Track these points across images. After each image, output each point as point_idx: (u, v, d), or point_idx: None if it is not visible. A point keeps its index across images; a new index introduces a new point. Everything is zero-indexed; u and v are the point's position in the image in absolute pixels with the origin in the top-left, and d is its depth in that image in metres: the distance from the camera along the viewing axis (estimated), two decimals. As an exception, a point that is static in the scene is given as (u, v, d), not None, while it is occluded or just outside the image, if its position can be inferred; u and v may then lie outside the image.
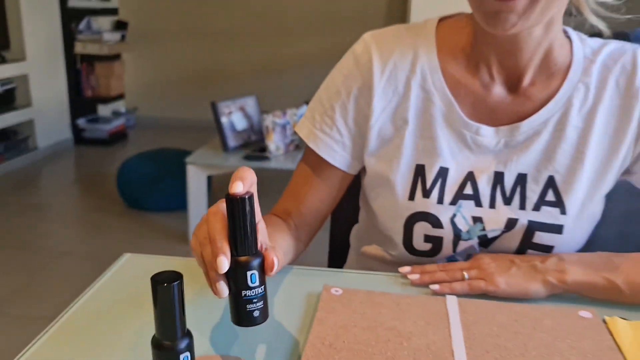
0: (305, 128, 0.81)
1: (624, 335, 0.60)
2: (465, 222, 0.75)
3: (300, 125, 0.82)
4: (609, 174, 0.75)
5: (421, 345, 0.57)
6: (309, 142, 0.80)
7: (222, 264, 0.48)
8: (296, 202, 0.81)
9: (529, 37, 0.70)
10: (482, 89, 0.76)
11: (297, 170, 0.84)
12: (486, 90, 0.76)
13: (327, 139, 0.79)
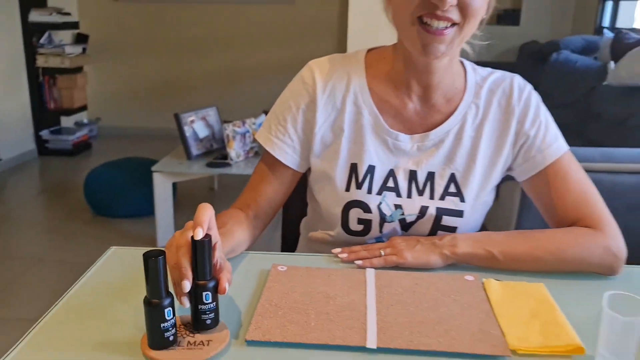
0: (263, 135, 1.01)
1: (494, 290, 0.82)
2: (389, 208, 0.96)
3: (259, 133, 1.02)
4: (495, 171, 0.98)
5: (343, 302, 0.78)
6: (266, 147, 1.00)
7: (186, 287, 0.66)
8: (254, 195, 1.01)
9: (439, 64, 0.92)
10: (401, 105, 0.97)
11: (256, 170, 1.03)
12: (404, 106, 0.97)
13: (281, 144, 0.99)
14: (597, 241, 0.88)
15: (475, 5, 0.83)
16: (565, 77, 3.47)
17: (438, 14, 0.81)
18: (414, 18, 0.84)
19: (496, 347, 0.68)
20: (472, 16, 0.84)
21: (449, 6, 0.80)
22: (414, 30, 0.85)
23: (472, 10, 0.83)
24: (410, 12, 0.83)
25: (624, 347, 0.62)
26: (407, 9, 0.83)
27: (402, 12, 0.86)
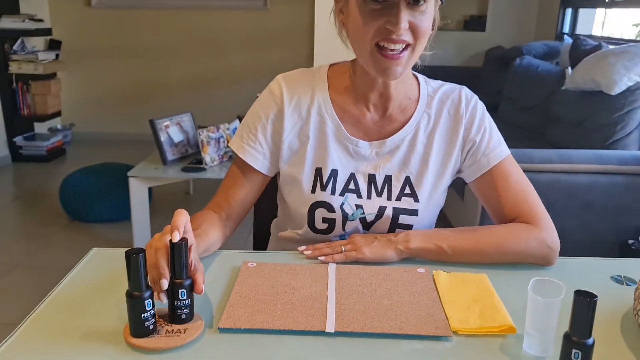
0: (236, 143, 1.10)
1: (442, 281, 0.92)
2: (350, 208, 1.06)
3: (232, 141, 1.11)
4: (446, 174, 1.08)
5: (306, 293, 0.86)
6: (238, 153, 1.09)
7: (164, 285, 0.75)
8: (227, 198, 1.09)
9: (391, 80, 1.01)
10: (360, 115, 1.07)
11: (228, 174, 1.11)
12: (363, 115, 1.07)
13: (252, 150, 1.08)
14: (534, 235, 0.98)
15: (424, 27, 0.93)
16: (528, 81, 3.61)
17: (394, 38, 0.91)
18: (372, 45, 0.93)
19: (439, 328, 0.78)
20: (423, 36, 0.94)
21: (402, 31, 0.90)
22: (373, 56, 0.95)
23: (422, 32, 0.93)
24: (369, 40, 0.93)
25: (546, 325, 0.73)
26: (365, 37, 0.93)
27: (360, 40, 0.95)
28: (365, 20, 0.92)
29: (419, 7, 0.91)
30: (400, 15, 0.89)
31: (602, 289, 0.91)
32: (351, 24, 0.97)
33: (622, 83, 2.53)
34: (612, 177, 2.29)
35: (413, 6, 0.91)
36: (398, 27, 0.89)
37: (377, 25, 0.91)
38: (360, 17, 0.93)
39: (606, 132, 2.63)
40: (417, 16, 0.92)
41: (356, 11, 0.94)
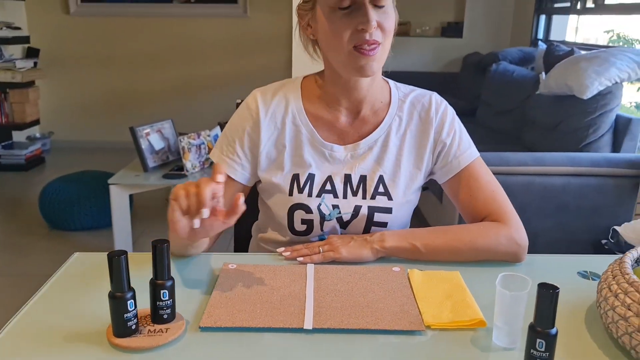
0: (215, 155, 1.14)
1: (416, 278, 0.95)
2: (327, 208, 1.09)
3: (212, 153, 1.15)
4: (418, 174, 1.12)
5: (285, 292, 0.89)
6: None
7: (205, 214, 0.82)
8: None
9: (363, 81, 1.07)
10: (334, 119, 1.11)
11: None
12: (336, 119, 1.11)
13: (231, 162, 1.11)
14: (503, 232, 1.03)
15: (389, 26, 1.01)
16: (504, 86, 3.69)
17: (368, 39, 0.98)
18: (349, 48, 0.99)
19: (413, 323, 0.81)
20: (389, 34, 1.02)
21: (373, 29, 0.97)
22: (350, 57, 1.00)
23: (387, 30, 1.01)
24: (345, 44, 0.99)
25: (513, 317, 0.76)
26: (341, 42, 0.99)
27: (336, 45, 1.01)
28: (337, 27, 0.99)
29: (381, 8, 0.99)
30: (370, 14, 0.97)
31: (568, 284, 0.96)
32: (323, 34, 1.03)
33: (593, 87, 2.60)
34: (585, 178, 2.35)
35: (377, 7, 0.99)
36: (370, 25, 0.96)
37: (351, 28, 0.98)
38: (332, 24, 1.00)
39: (579, 135, 2.71)
40: (381, 16, 1.00)
41: (326, 20, 1.01)
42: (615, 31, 4.13)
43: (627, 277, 0.78)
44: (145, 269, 0.84)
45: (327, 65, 1.10)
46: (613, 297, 0.78)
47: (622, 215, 2.33)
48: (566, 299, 0.90)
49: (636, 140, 2.68)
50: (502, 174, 2.32)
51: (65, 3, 4.89)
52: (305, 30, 1.09)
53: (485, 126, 3.79)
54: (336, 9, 0.99)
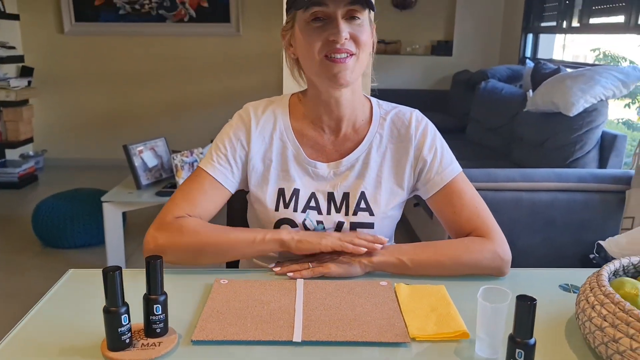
0: (206, 162, 1.15)
1: (402, 292, 0.98)
2: (312, 224, 1.12)
3: (203, 160, 1.17)
4: (399, 191, 1.16)
5: (275, 306, 0.92)
6: (208, 170, 1.13)
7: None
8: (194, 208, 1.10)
9: (343, 98, 1.11)
10: (318, 136, 1.16)
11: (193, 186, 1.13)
12: (320, 137, 1.16)
13: (221, 168, 1.14)
14: (487, 248, 1.06)
15: (363, 38, 1.05)
16: (493, 103, 3.75)
17: (339, 48, 1.02)
18: (321, 57, 1.04)
19: (399, 335, 0.84)
20: (364, 46, 1.06)
21: (344, 40, 1.02)
22: (322, 66, 1.05)
23: (362, 42, 1.05)
24: (317, 53, 1.04)
25: (494, 328, 0.79)
26: (313, 52, 1.04)
27: (309, 56, 1.06)
28: (311, 38, 1.04)
29: (355, 21, 1.04)
30: (340, 26, 1.02)
31: (550, 297, 0.99)
32: (300, 48, 1.09)
33: (579, 105, 2.66)
34: (572, 194, 2.39)
35: (350, 20, 1.04)
36: (340, 37, 1.01)
37: (322, 39, 1.03)
38: (306, 36, 1.05)
39: (566, 152, 2.76)
40: (355, 28, 1.04)
41: (301, 34, 1.06)
42: (601, 49, 4.22)
43: (603, 289, 0.81)
44: (138, 284, 0.86)
45: (309, 84, 1.15)
46: (590, 308, 0.81)
47: (609, 230, 2.37)
48: (548, 311, 0.93)
49: (622, 156, 2.73)
50: (491, 190, 2.37)
51: (59, 22, 4.94)
52: (288, 50, 1.14)
53: (475, 143, 3.84)
54: (310, 22, 1.04)
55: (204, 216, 1.13)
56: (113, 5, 4.91)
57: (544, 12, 4.25)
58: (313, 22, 1.04)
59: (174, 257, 1.05)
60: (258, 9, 4.97)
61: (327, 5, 1.02)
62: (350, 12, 1.03)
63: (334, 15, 1.02)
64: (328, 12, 1.02)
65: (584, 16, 3.61)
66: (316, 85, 1.11)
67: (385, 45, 5.02)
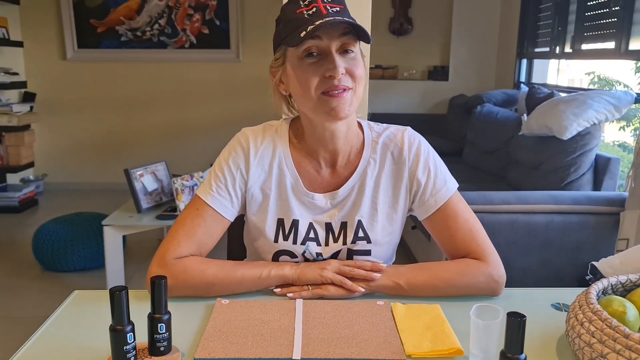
0: (204, 191, 1.14)
1: (399, 311, 1.00)
2: (312, 255, 1.14)
3: (200, 189, 1.15)
4: (396, 215, 1.17)
5: (275, 326, 0.94)
6: (208, 201, 1.12)
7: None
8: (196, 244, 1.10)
9: (338, 131, 1.12)
10: (314, 170, 1.17)
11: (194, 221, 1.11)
12: (317, 171, 1.17)
13: (221, 199, 1.13)
14: (482, 270, 1.08)
15: (358, 72, 1.06)
16: (488, 127, 3.81)
17: (336, 84, 1.03)
18: (317, 94, 1.04)
19: (395, 352, 0.87)
20: (360, 80, 1.06)
21: (340, 75, 1.02)
22: (320, 102, 1.05)
23: (358, 75, 1.06)
24: (314, 91, 1.04)
25: (486, 345, 0.82)
26: (310, 89, 1.04)
27: (305, 93, 1.06)
28: (307, 75, 1.04)
29: (348, 55, 1.05)
30: (336, 61, 1.02)
31: (542, 315, 1.02)
32: (293, 85, 1.08)
33: (572, 128, 2.71)
34: (567, 216, 2.43)
35: (344, 54, 1.04)
36: (337, 72, 1.01)
37: (318, 75, 1.03)
38: (300, 73, 1.05)
39: (561, 174, 2.80)
40: (350, 62, 1.04)
41: (295, 71, 1.06)
42: (596, 73, 4.30)
43: (591, 306, 0.84)
44: (141, 305, 0.89)
45: (303, 118, 1.14)
46: (579, 325, 0.84)
47: (604, 251, 2.40)
48: (539, 329, 0.96)
49: (616, 178, 2.78)
50: (487, 213, 2.40)
51: (62, 49, 5.02)
52: (278, 87, 1.14)
53: (471, 166, 3.89)
54: (303, 58, 1.03)
55: (205, 250, 1.12)
56: (115, 32, 5.01)
57: (538, 38, 4.34)
58: (307, 58, 1.03)
59: (180, 294, 1.06)
60: (257, 36, 5.06)
61: (321, 38, 1.02)
62: (344, 45, 1.03)
63: (328, 50, 1.02)
64: (322, 47, 1.02)
65: (576, 42, 3.69)
66: (311, 119, 1.11)
67: (383, 70, 5.10)
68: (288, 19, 1.05)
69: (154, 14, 5.00)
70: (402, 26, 5.14)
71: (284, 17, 1.07)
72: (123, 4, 4.96)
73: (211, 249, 1.15)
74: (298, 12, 1.03)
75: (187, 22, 5.02)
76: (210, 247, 1.14)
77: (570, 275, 2.49)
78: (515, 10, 4.60)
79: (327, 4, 1.03)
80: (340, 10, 1.04)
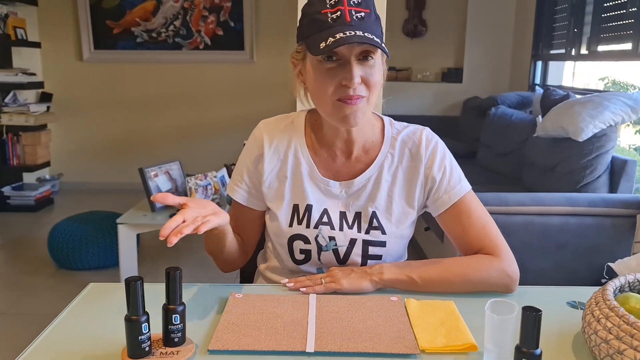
0: (231, 188, 1.23)
1: (413, 307, 1.00)
2: (324, 240, 1.15)
3: (228, 186, 1.24)
4: (410, 209, 1.18)
5: (288, 319, 0.95)
6: (234, 197, 1.21)
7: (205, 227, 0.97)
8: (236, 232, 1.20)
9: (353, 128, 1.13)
10: (330, 158, 1.19)
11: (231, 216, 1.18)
12: (332, 159, 1.19)
13: (241, 191, 1.20)
14: (495, 265, 1.08)
15: (374, 80, 1.06)
16: (503, 129, 3.79)
17: (351, 94, 1.03)
18: (333, 100, 1.05)
19: (408, 347, 0.86)
20: (374, 88, 1.06)
21: (356, 85, 1.02)
22: (334, 108, 1.06)
23: (373, 84, 1.05)
24: (329, 96, 1.05)
25: (501, 340, 0.81)
26: (326, 94, 1.05)
27: (321, 97, 1.07)
28: (323, 79, 1.05)
29: (368, 62, 1.04)
30: (353, 71, 1.01)
31: (558, 313, 1.01)
32: (310, 83, 1.10)
33: (588, 130, 2.68)
34: (583, 218, 2.40)
35: (363, 62, 1.03)
36: (352, 82, 1.01)
37: (335, 83, 1.03)
38: (318, 76, 1.06)
39: (576, 176, 2.77)
40: (367, 70, 1.04)
41: (313, 71, 1.06)
42: (610, 77, 4.26)
43: (608, 303, 0.83)
44: (156, 298, 0.90)
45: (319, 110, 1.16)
46: (596, 321, 0.83)
47: (620, 254, 2.37)
48: (555, 326, 0.95)
49: (632, 181, 2.74)
50: (502, 214, 2.38)
51: (79, 50, 5.08)
52: (299, 77, 1.15)
53: (485, 168, 3.87)
54: (322, 60, 1.04)
55: (246, 241, 1.25)
56: (131, 34, 5.05)
57: (553, 39, 4.31)
58: (326, 62, 1.03)
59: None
60: (272, 37, 5.08)
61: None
62: (364, 52, 1.03)
63: (347, 58, 1.02)
64: (342, 53, 1.02)
65: (592, 44, 3.66)
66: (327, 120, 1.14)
67: (397, 72, 5.10)
68: (312, 17, 1.05)
69: (169, 16, 5.04)
70: (416, 28, 5.13)
71: (308, 12, 1.07)
72: (139, 5, 5.00)
73: (252, 239, 1.26)
74: (323, 13, 1.03)
75: (201, 24, 5.05)
76: (248, 237, 1.25)
77: (585, 278, 2.46)
78: (530, 11, 4.57)
79: (353, 8, 1.02)
80: (365, 16, 1.03)
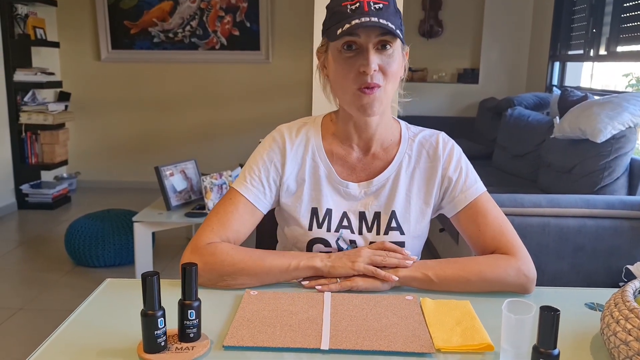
0: (238, 182, 1.19)
1: (428, 306, 1.00)
2: (345, 243, 1.15)
3: (236, 182, 1.20)
4: (427, 209, 1.19)
5: (303, 317, 0.94)
6: (242, 192, 1.16)
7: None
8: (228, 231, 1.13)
9: (372, 121, 1.14)
10: (346, 154, 1.19)
11: (227, 209, 1.15)
12: (349, 154, 1.19)
13: (254, 190, 1.17)
14: (512, 264, 1.07)
15: (392, 69, 1.08)
16: (520, 130, 3.75)
17: (369, 82, 1.05)
18: (354, 89, 1.07)
19: (424, 346, 0.86)
20: (392, 77, 1.08)
21: (372, 71, 1.04)
22: (354, 96, 1.08)
23: (390, 73, 1.08)
24: (350, 84, 1.07)
25: (518, 340, 0.80)
26: (347, 82, 1.08)
27: (342, 84, 1.10)
28: (342, 68, 1.08)
29: (386, 51, 1.06)
30: (370, 58, 1.04)
31: (576, 315, 1.00)
32: (332, 74, 1.12)
33: (606, 131, 2.65)
34: (601, 220, 2.37)
35: (381, 50, 1.06)
36: (370, 68, 1.04)
37: (354, 70, 1.06)
38: (338, 66, 1.09)
39: (594, 178, 2.74)
40: (384, 59, 1.06)
41: (334, 62, 1.09)
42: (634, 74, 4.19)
43: (627, 304, 0.82)
44: (172, 294, 0.91)
45: (340, 105, 1.19)
46: (615, 323, 0.82)
47: (638, 257, 2.34)
48: (573, 328, 0.94)
49: (652, 183, 2.70)
50: (518, 215, 2.36)
51: (96, 50, 5.14)
52: (322, 70, 1.18)
53: (501, 169, 3.84)
54: (342, 50, 1.07)
55: (238, 239, 1.15)
56: (148, 34, 5.10)
57: (571, 40, 4.27)
58: (345, 51, 1.06)
59: (208, 280, 1.07)
60: (287, 38, 5.10)
61: (359, 36, 1.04)
62: (382, 41, 1.05)
63: (365, 46, 1.05)
64: (360, 42, 1.05)
65: (611, 44, 3.61)
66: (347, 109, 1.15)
67: (412, 72, 5.08)
68: (333, 10, 1.08)
69: (186, 16, 5.07)
70: (432, 28, 5.11)
71: (330, 6, 1.10)
72: (156, 5, 5.05)
73: (244, 239, 1.17)
74: (343, 5, 1.06)
75: (218, 24, 5.08)
76: (242, 236, 1.16)
77: (602, 281, 2.43)
78: (548, 11, 4.53)
79: (371, 0, 1.04)
80: (383, 7, 1.05)
